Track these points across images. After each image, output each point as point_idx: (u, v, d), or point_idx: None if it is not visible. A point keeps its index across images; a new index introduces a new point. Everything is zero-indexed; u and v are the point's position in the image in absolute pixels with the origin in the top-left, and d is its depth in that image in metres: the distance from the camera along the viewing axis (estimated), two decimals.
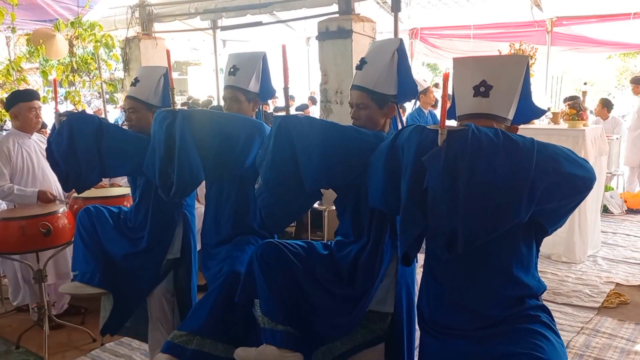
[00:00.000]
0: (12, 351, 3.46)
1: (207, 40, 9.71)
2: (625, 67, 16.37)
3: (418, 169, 1.52)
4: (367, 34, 5.33)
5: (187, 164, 2.30)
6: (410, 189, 1.56)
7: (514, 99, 1.63)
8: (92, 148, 2.40)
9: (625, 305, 3.97)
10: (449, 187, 1.46)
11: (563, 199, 1.55)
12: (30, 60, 7.39)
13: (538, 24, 7.92)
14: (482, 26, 8.66)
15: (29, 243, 3.17)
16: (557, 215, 1.62)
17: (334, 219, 5.32)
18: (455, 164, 1.45)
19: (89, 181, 2.47)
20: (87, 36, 6.32)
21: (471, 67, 1.66)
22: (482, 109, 1.62)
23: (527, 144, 1.47)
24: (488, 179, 1.44)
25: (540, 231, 1.66)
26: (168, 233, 2.72)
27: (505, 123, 1.64)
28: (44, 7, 6.34)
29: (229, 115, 2.52)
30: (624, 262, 4.86)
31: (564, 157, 1.51)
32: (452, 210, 1.46)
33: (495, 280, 1.66)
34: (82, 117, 2.43)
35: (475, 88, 1.62)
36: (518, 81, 1.64)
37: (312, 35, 8.92)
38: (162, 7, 7.19)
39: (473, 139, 1.45)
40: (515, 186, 1.44)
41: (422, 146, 1.54)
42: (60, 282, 3.73)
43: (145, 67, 2.91)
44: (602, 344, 3.40)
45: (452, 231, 1.48)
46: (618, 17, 7.54)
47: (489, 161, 1.44)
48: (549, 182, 1.48)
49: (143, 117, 2.69)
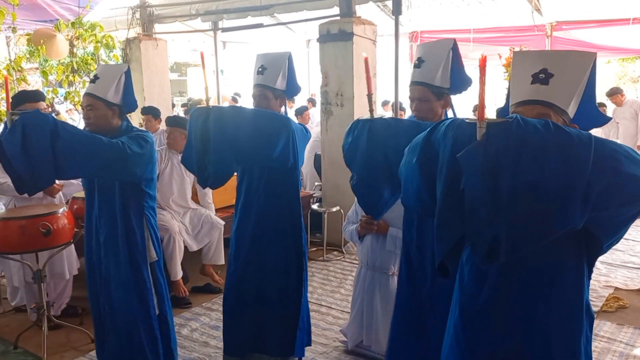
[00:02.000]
0: (10, 351, 3.44)
1: (207, 42, 9.72)
2: (624, 72, 16.38)
3: (455, 168, 1.36)
4: (368, 36, 5.34)
5: (220, 156, 2.52)
6: (447, 191, 1.41)
7: (575, 93, 1.48)
8: (46, 149, 2.27)
9: (624, 310, 3.98)
10: (490, 188, 1.29)
11: (622, 204, 1.36)
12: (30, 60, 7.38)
13: (538, 29, 7.95)
14: (482, 30, 8.68)
15: (29, 243, 3.16)
16: (614, 224, 1.42)
17: (333, 221, 5.35)
18: (496, 161, 1.28)
19: (42, 182, 2.34)
20: (88, 37, 6.34)
21: (533, 56, 1.54)
22: (539, 96, 1.46)
23: (584, 139, 1.29)
24: (536, 178, 1.27)
25: (593, 245, 1.46)
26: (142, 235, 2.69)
27: (563, 117, 1.47)
28: (45, 8, 6.35)
29: (258, 111, 2.73)
30: (623, 267, 4.87)
31: (625, 155, 1.33)
32: (493, 214, 1.29)
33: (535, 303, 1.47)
34: (36, 117, 2.29)
35: (535, 75, 1.48)
36: (582, 75, 1.49)
37: (312, 37, 8.94)
38: (163, 8, 7.20)
39: (518, 132, 1.28)
40: (568, 186, 1.27)
41: (459, 142, 1.38)
42: (55, 281, 3.73)
43: (106, 65, 2.91)
44: (601, 348, 3.40)
45: (494, 238, 1.30)
46: (617, 22, 7.56)
47: (537, 157, 1.27)
48: (607, 184, 1.30)
49: (102, 115, 2.59)
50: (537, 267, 1.45)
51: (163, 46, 7.38)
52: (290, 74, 2.78)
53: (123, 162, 2.44)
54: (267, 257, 2.83)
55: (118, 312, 2.71)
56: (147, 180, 2.64)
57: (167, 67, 7.67)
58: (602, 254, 1.50)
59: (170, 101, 7.99)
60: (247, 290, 2.86)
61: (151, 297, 2.71)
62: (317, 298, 4.26)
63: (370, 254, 3.18)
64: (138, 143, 2.50)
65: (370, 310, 3.19)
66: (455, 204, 1.38)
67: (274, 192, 2.76)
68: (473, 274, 1.55)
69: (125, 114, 2.72)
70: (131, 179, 2.57)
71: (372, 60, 5.48)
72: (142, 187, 2.63)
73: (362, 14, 5.57)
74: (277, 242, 2.82)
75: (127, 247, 2.64)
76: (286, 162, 2.66)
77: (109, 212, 2.64)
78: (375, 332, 3.17)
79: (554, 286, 1.46)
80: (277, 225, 2.80)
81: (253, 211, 2.80)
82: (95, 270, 2.74)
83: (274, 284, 2.85)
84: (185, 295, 4.23)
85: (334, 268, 5.01)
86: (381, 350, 3.16)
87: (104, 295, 2.73)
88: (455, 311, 1.61)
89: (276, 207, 2.78)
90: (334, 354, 3.37)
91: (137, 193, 2.64)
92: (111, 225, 2.64)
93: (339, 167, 5.45)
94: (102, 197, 2.66)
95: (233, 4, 6.54)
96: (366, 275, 3.22)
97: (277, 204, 2.77)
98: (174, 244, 4.20)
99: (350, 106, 5.30)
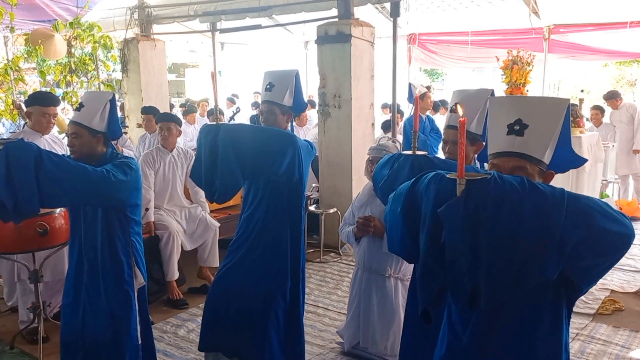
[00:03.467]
0: (7, 351, 3.44)
1: (205, 43, 9.73)
2: (621, 75, 16.44)
3: (437, 220, 1.44)
4: (366, 38, 5.35)
5: (228, 172, 2.60)
6: (430, 242, 1.47)
7: (550, 141, 1.52)
8: (30, 178, 2.25)
9: (620, 312, 3.99)
10: (470, 241, 1.37)
11: (597, 256, 1.42)
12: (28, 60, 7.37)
13: (535, 32, 7.96)
14: (480, 32, 8.70)
15: (25, 243, 3.16)
16: (592, 273, 1.47)
17: (330, 222, 5.35)
18: (476, 216, 1.36)
19: (27, 211, 2.31)
20: (86, 37, 6.32)
21: (507, 106, 1.58)
22: (514, 148, 1.51)
23: (557, 195, 1.36)
24: (512, 232, 1.34)
25: (573, 290, 1.51)
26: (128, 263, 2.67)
27: (539, 166, 1.53)
28: (43, 8, 6.35)
29: (265, 129, 2.86)
30: (619, 270, 4.88)
31: (598, 210, 1.38)
32: (473, 265, 1.37)
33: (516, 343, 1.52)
34: (20, 146, 2.29)
35: (510, 126, 1.53)
36: (556, 123, 1.53)
37: (310, 39, 8.94)
38: (161, 9, 7.19)
39: (495, 189, 1.36)
40: (542, 240, 1.34)
41: (441, 197, 1.45)
42: (56, 281, 3.72)
43: (91, 92, 2.94)
44: (597, 350, 3.41)
45: (474, 287, 1.38)
46: (615, 25, 7.59)
47: (514, 212, 1.34)
48: (581, 238, 1.35)
49: (86, 142, 2.60)
50: (517, 311, 1.51)
51: (161, 47, 7.38)
52: (297, 90, 2.89)
53: (107, 189, 2.44)
54: (259, 266, 2.82)
55: (101, 342, 2.63)
56: (131, 206, 2.63)
57: (165, 67, 7.67)
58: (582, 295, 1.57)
59: (168, 102, 7.99)
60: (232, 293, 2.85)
61: (135, 326, 2.67)
62: (313, 299, 4.26)
63: (367, 255, 3.18)
64: (122, 170, 2.50)
65: (366, 312, 3.19)
66: (438, 254, 1.45)
67: (277, 205, 2.82)
68: (459, 314, 1.61)
69: (111, 141, 2.74)
70: (115, 205, 2.57)
71: (369, 62, 5.49)
72: (127, 214, 2.62)
73: (360, 15, 5.58)
74: (273, 252, 2.82)
75: (112, 275, 2.62)
76: (292, 177, 2.74)
77: (94, 238, 2.63)
78: (371, 334, 3.17)
79: (533, 328, 1.52)
80: (276, 236, 2.82)
81: (255, 219, 2.85)
82: (77, 298, 2.68)
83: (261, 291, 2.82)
84: (179, 298, 4.22)
85: (331, 270, 5.01)
86: (378, 352, 3.16)
87: (85, 323, 2.66)
88: (443, 348, 1.66)
89: (278, 219, 2.82)
90: (330, 355, 3.37)
91: (122, 220, 2.63)
92: (95, 253, 2.62)
93: (336, 168, 5.46)
94: (88, 224, 2.64)
95: (231, 5, 6.55)
96: (362, 277, 3.22)
97: (279, 216, 2.82)
98: (172, 243, 4.20)
99: (348, 108, 5.31)
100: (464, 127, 1.45)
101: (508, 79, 5.65)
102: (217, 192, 2.64)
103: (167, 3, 7.21)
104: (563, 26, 7.98)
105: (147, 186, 4.19)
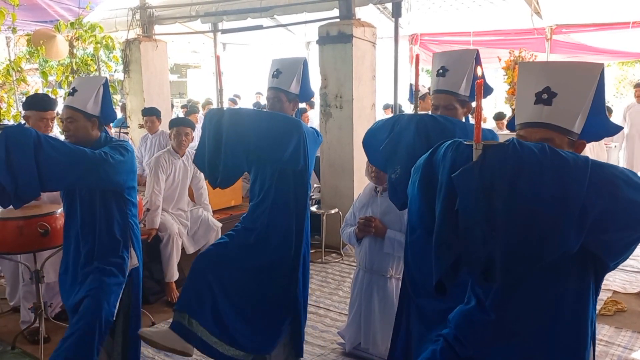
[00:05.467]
0: (8, 352, 3.44)
1: (207, 43, 9.74)
2: (623, 75, 16.40)
3: (452, 188, 1.39)
4: (368, 39, 5.35)
5: (231, 156, 2.62)
6: (445, 211, 1.42)
7: (581, 111, 1.45)
8: (29, 162, 2.26)
9: (623, 313, 3.97)
10: (485, 209, 1.31)
11: (622, 229, 1.34)
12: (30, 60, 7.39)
13: (538, 32, 7.95)
14: (482, 33, 8.68)
15: (27, 243, 3.16)
16: (617, 247, 1.40)
17: (331, 223, 5.35)
18: (492, 182, 1.30)
19: (26, 196, 2.33)
20: (88, 37, 6.34)
21: (536, 72, 1.50)
22: (542, 118, 1.45)
23: (580, 163, 1.30)
24: (531, 201, 1.28)
25: (600, 265, 1.45)
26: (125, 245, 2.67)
27: (569, 136, 1.46)
28: (45, 8, 6.36)
29: (270, 114, 2.85)
30: (622, 270, 4.86)
31: (624, 179, 1.31)
32: (488, 235, 1.31)
33: (538, 317, 1.48)
34: (19, 130, 2.30)
35: (538, 95, 1.46)
36: (588, 91, 1.45)
37: (312, 39, 8.93)
38: (163, 10, 7.20)
39: (514, 155, 1.30)
40: (562, 211, 1.27)
41: (457, 163, 1.40)
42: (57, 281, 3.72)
43: (83, 77, 2.90)
44: (599, 352, 3.39)
45: (489, 258, 1.33)
46: (617, 25, 7.57)
47: (532, 180, 1.28)
48: (604, 209, 1.29)
49: (81, 127, 2.61)
50: (540, 284, 1.45)
51: (163, 47, 7.38)
52: (305, 78, 2.89)
53: (106, 171, 2.46)
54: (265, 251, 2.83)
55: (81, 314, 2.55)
56: (129, 188, 2.65)
57: (166, 68, 7.68)
58: (611, 270, 1.48)
59: (170, 102, 8.00)
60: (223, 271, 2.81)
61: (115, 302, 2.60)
62: (315, 300, 4.26)
63: (368, 256, 3.17)
64: (119, 152, 2.52)
65: (368, 313, 3.19)
66: (453, 223, 1.39)
67: (284, 193, 2.81)
68: (477, 291, 1.56)
69: (104, 125, 2.74)
70: (114, 187, 2.58)
71: (371, 63, 5.49)
72: (124, 195, 2.64)
73: (362, 16, 5.58)
74: (279, 241, 2.83)
75: (109, 254, 2.62)
76: (297, 164, 2.71)
77: (91, 222, 2.64)
78: (372, 335, 3.17)
79: (557, 304, 1.46)
80: (282, 224, 2.82)
81: (262, 209, 2.85)
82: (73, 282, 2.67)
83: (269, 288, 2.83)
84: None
85: (332, 270, 5.01)
86: (379, 353, 3.15)
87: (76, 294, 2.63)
88: (453, 326, 1.62)
89: (284, 208, 2.82)
90: (331, 356, 3.37)
91: (120, 202, 2.65)
92: (93, 237, 2.63)
93: (338, 169, 5.46)
94: (84, 209, 2.65)
95: (233, 5, 6.55)
96: (364, 278, 3.22)
97: (286, 205, 2.82)
98: (172, 245, 4.20)
99: (350, 108, 5.31)
100: (481, 88, 1.39)
101: (510, 80, 5.64)
102: (220, 177, 2.66)
103: (168, 4, 7.22)
104: (565, 26, 7.96)
105: (158, 191, 4.18)
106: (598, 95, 1.48)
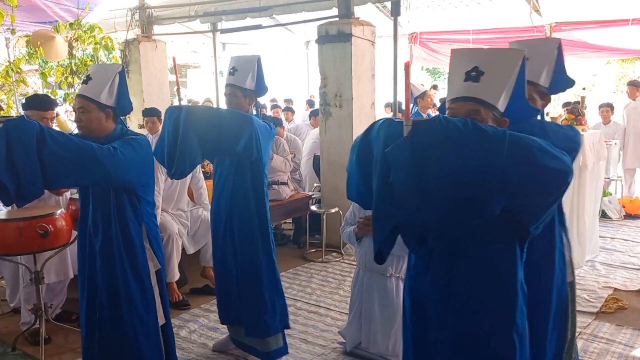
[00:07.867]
0: (8, 353, 3.44)
1: (206, 43, 9.73)
2: (623, 72, 16.39)
3: (387, 163, 1.52)
4: (367, 37, 5.34)
5: (187, 150, 2.75)
6: (381, 184, 1.55)
7: (504, 89, 1.61)
8: (32, 157, 2.11)
9: (623, 311, 3.97)
10: (417, 180, 1.44)
11: (538, 194, 1.50)
12: (29, 62, 7.39)
13: (537, 29, 7.93)
14: (482, 31, 8.67)
15: (27, 244, 3.15)
16: (536, 212, 1.55)
17: (332, 222, 5.34)
18: (422, 155, 1.43)
19: (29, 193, 2.17)
20: (87, 38, 6.34)
21: (466, 55, 1.67)
22: (470, 93, 1.60)
23: (499, 134, 1.43)
24: (457, 171, 1.41)
25: (522, 230, 1.59)
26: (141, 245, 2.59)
27: (493, 111, 1.61)
28: (44, 9, 6.36)
29: (224, 110, 3.15)
30: (622, 267, 4.86)
31: (538, 148, 1.45)
32: (421, 203, 1.45)
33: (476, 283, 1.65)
34: (21, 124, 2.15)
35: (467, 73, 1.61)
36: (511, 72, 1.61)
37: (311, 38, 8.94)
38: (162, 10, 7.20)
39: (441, 129, 1.43)
40: (486, 178, 1.41)
41: (390, 140, 1.53)
42: (57, 282, 3.73)
43: (99, 65, 2.86)
44: (600, 349, 3.39)
45: (423, 224, 1.48)
46: (617, 22, 7.55)
47: (457, 152, 1.41)
48: (522, 174, 1.43)
49: (94, 118, 2.47)
50: (471, 253, 1.64)
51: (162, 48, 7.38)
52: (259, 75, 3.09)
53: (115, 168, 2.32)
54: (238, 239, 3.12)
55: (117, 323, 2.55)
56: (142, 185, 2.53)
57: (166, 68, 7.67)
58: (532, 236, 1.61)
59: (169, 103, 7.98)
60: (228, 269, 3.19)
61: (154, 306, 2.59)
62: (315, 299, 4.25)
63: (368, 255, 3.17)
64: (132, 147, 2.40)
65: (368, 312, 3.19)
66: (389, 195, 1.53)
67: (242, 181, 3.07)
68: (418, 260, 1.76)
69: (120, 116, 2.61)
70: (125, 185, 2.45)
71: (370, 62, 5.48)
72: (137, 193, 2.52)
73: (361, 15, 5.57)
74: (245, 226, 3.09)
75: (126, 258, 2.52)
76: (250, 155, 2.94)
77: (104, 220, 2.52)
78: (373, 334, 3.17)
79: (487, 269, 1.64)
80: (244, 211, 3.08)
81: (225, 197, 3.12)
82: (89, 280, 2.61)
83: (247, 264, 3.11)
84: (179, 300, 4.20)
85: (333, 269, 5.01)
86: (379, 352, 3.15)
87: (99, 307, 2.58)
88: (406, 296, 1.82)
89: (244, 194, 3.07)
90: (332, 355, 3.37)
91: (133, 200, 2.52)
92: (107, 234, 2.52)
93: (338, 168, 5.45)
94: (97, 205, 2.54)
95: (232, 5, 6.55)
96: (364, 277, 3.22)
97: (245, 192, 3.08)
98: (172, 245, 4.19)
99: (349, 107, 5.30)
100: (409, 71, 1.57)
101: None
102: (175, 168, 2.77)
103: (167, 4, 7.22)
104: (564, 24, 7.94)
105: (157, 192, 4.16)
106: (520, 78, 1.63)
